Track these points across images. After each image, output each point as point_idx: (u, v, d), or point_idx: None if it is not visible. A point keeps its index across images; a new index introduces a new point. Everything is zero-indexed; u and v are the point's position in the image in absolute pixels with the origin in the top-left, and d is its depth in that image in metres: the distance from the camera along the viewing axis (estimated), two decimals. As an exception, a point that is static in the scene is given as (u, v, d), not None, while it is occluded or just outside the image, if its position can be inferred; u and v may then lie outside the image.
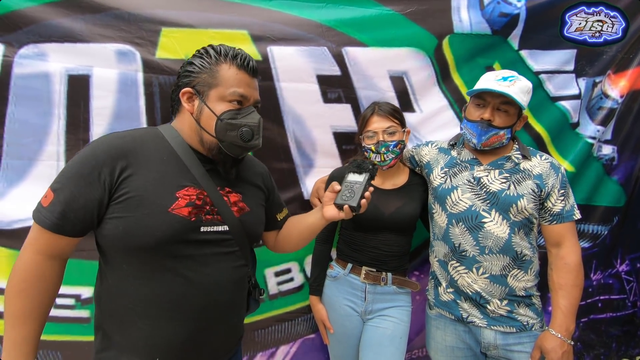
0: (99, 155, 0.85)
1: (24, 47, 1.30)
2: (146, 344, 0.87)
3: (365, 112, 1.42)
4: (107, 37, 1.35)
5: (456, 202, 1.28)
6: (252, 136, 0.94)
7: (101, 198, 0.84)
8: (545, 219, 1.26)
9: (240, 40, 1.47)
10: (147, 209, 0.85)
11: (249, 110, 0.95)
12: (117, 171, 0.85)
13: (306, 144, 1.55)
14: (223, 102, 0.91)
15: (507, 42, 1.67)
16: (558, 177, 1.25)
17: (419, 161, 1.47)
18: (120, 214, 0.84)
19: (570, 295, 1.21)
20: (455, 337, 1.31)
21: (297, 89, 1.51)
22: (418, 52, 1.61)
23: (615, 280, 1.93)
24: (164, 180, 0.88)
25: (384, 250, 1.39)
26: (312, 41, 1.52)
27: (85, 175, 0.83)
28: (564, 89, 1.75)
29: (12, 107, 1.30)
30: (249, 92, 0.94)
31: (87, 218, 0.84)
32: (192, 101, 0.93)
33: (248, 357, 1.56)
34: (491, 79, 1.24)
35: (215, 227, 0.93)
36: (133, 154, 0.88)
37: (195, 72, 0.93)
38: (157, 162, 0.90)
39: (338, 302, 1.42)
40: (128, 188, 0.85)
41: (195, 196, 0.91)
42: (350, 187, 1.04)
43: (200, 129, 0.93)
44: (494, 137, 1.24)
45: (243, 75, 0.94)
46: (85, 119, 1.35)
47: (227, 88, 0.91)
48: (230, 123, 0.91)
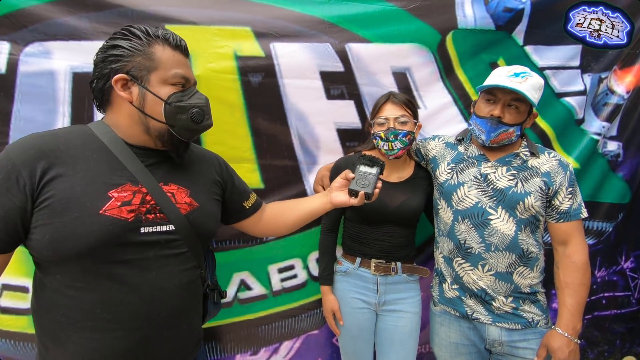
0: (15, 158, 0.75)
1: (30, 45, 1.30)
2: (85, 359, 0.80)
3: (379, 99, 1.42)
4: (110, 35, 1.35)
5: (462, 199, 1.27)
6: (203, 117, 0.89)
7: (23, 205, 0.74)
8: (552, 217, 1.25)
9: (244, 36, 1.47)
10: (76, 212, 0.76)
11: (193, 91, 0.90)
12: (38, 173, 0.75)
13: (309, 140, 1.55)
14: (166, 86, 0.85)
15: (511, 38, 1.65)
16: (566, 175, 1.23)
17: (425, 155, 1.46)
18: (45, 220, 0.75)
19: (577, 294, 1.20)
20: (459, 333, 1.31)
21: (301, 86, 1.51)
22: (421, 48, 1.60)
23: (620, 277, 1.92)
24: (94, 179, 0.80)
25: (389, 242, 1.40)
26: (315, 37, 1.52)
27: (1, 181, 0.74)
28: (569, 85, 1.73)
29: (18, 105, 1.30)
30: (189, 72, 0.90)
31: (10, 230, 0.75)
32: (128, 88, 0.84)
33: (252, 352, 1.57)
34: (503, 75, 1.22)
35: (158, 227, 0.84)
36: (55, 153, 0.78)
37: (125, 55, 0.83)
38: (86, 160, 0.81)
39: (350, 296, 1.42)
40: (53, 191, 0.75)
41: (132, 194, 0.82)
42: (364, 176, 1.09)
43: (146, 116, 0.85)
44: (503, 134, 1.23)
45: (179, 56, 0.88)
46: (89, 116, 1.35)
47: (167, 70, 0.84)
48: (179, 106, 0.85)
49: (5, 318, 1.34)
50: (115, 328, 0.80)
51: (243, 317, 1.55)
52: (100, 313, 0.79)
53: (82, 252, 0.76)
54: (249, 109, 1.47)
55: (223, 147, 1.41)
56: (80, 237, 0.76)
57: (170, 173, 0.91)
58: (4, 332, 1.35)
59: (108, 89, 0.86)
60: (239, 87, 1.45)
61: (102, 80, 0.86)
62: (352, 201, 1.07)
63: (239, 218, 1.16)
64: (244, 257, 1.52)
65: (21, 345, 1.37)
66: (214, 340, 1.54)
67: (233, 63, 1.44)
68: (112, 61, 0.84)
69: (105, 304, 0.79)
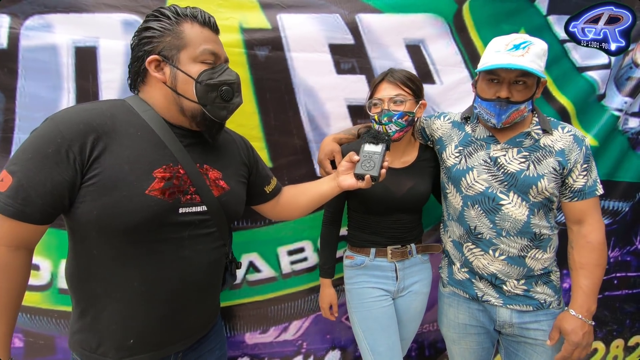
0: (65, 131, 0.75)
1: (30, 18, 1.26)
2: (119, 327, 0.84)
3: (375, 78, 1.32)
4: (112, 7, 1.30)
5: (472, 184, 1.22)
6: (232, 94, 0.89)
7: (72, 180, 0.75)
8: (566, 196, 1.19)
9: (249, 7, 1.40)
10: (124, 191, 0.77)
11: (223, 67, 0.89)
12: (88, 148, 0.76)
13: (319, 118, 1.50)
14: (196, 63, 0.85)
15: (534, 6, 1.56)
16: (582, 150, 1.15)
17: (430, 135, 1.39)
18: (93, 196, 0.76)
19: (593, 275, 1.15)
20: (468, 315, 1.30)
21: (309, 59, 1.45)
22: (436, 18, 1.51)
23: (633, 257, 1.89)
24: (140, 157, 0.81)
25: (399, 230, 1.36)
26: (323, 8, 1.45)
27: (50, 155, 0.73)
28: (591, 59, 1.65)
29: (22, 80, 1.28)
30: (219, 49, 0.89)
31: (57, 203, 0.76)
32: (162, 69, 0.85)
33: (262, 330, 1.60)
34: (501, 50, 1.09)
35: (193, 207, 0.87)
36: (103, 128, 0.79)
37: (156, 36, 0.84)
38: (131, 137, 0.81)
39: (369, 286, 1.36)
40: (101, 167, 0.77)
41: (172, 175, 0.84)
42: (369, 157, 1.04)
43: (179, 96, 0.85)
44: (514, 113, 1.13)
45: (208, 32, 0.88)
46: (94, 92, 1.32)
47: (196, 47, 0.84)
48: (209, 84, 0.85)
49: (20, 293, 1.37)
50: (150, 300, 0.84)
51: (252, 298, 1.56)
52: (138, 287, 0.83)
53: (126, 231, 0.79)
54: (255, 85, 1.42)
55: (230, 125, 1.35)
56: (127, 215, 0.78)
57: (204, 154, 0.93)
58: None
59: (143, 71, 0.87)
60: (245, 61, 1.40)
61: (137, 63, 0.87)
62: (359, 184, 1.06)
63: (259, 201, 1.17)
64: (253, 237, 1.51)
65: (37, 318, 1.41)
66: (223, 320, 1.56)
67: (239, 36, 1.39)
68: (145, 43, 0.85)
69: (142, 278, 0.83)
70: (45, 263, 1.36)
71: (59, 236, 1.32)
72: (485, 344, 1.32)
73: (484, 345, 1.32)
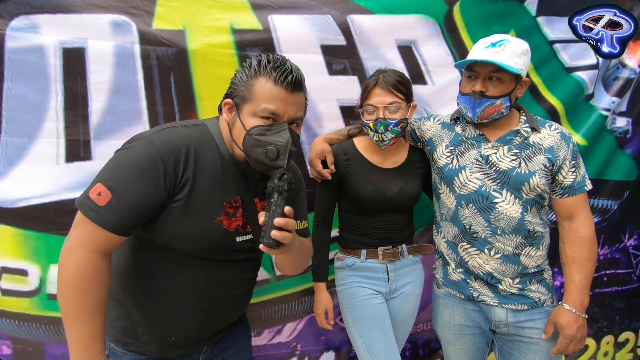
0: (164, 156, 0.85)
1: (15, 19, 1.24)
2: (165, 326, 0.95)
3: (368, 82, 1.29)
4: (100, 7, 1.29)
5: (465, 183, 1.23)
6: (277, 155, 0.90)
7: (163, 201, 0.86)
8: (556, 193, 1.22)
9: (240, 8, 1.39)
10: (200, 218, 0.89)
11: (281, 127, 0.91)
12: (180, 174, 0.87)
13: (311, 119, 1.50)
14: (254, 117, 0.90)
15: (523, 8, 1.58)
16: (569, 147, 1.19)
17: (421, 136, 1.39)
18: (172, 217, 0.87)
19: (585, 269, 1.18)
20: (464, 315, 1.31)
21: (301, 60, 1.37)
22: (427, 19, 1.53)
23: (622, 255, 1.92)
24: (216, 188, 0.92)
25: (390, 230, 1.36)
26: (315, 9, 1.45)
27: (149, 178, 0.83)
28: (580, 59, 1.67)
29: (9, 82, 1.26)
30: (282, 108, 0.90)
31: (146, 219, 0.86)
32: (231, 112, 0.95)
33: (255, 333, 1.58)
34: (480, 48, 1.17)
35: (246, 236, 0.99)
36: (192, 158, 0.89)
37: (236, 84, 0.94)
38: (212, 169, 0.92)
39: (361, 286, 1.36)
40: (185, 192, 0.87)
41: (237, 207, 0.96)
42: (269, 216, 0.82)
43: (232, 140, 0.94)
44: (489, 107, 1.17)
45: (279, 91, 0.90)
46: (83, 94, 1.31)
47: (258, 104, 0.89)
48: (257, 139, 0.89)
49: (7, 300, 1.34)
50: (195, 307, 0.96)
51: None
52: (188, 295, 0.95)
53: (192, 250, 0.91)
54: (247, 86, 1.42)
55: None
56: (197, 240, 0.90)
57: (255, 186, 1.01)
58: (7, 312, 1.35)
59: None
60: (237, 63, 1.39)
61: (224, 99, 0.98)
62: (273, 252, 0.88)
63: None
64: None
65: (26, 325, 1.38)
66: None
67: (230, 37, 1.38)
68: (230, 86, 0.96)
69: (193, 289, 0.95)
70: (33, 268, 1.33)
71: (47, 241, 1.30)
72: (480, 344, 1.33)
73: (479, 345, 1.33)
